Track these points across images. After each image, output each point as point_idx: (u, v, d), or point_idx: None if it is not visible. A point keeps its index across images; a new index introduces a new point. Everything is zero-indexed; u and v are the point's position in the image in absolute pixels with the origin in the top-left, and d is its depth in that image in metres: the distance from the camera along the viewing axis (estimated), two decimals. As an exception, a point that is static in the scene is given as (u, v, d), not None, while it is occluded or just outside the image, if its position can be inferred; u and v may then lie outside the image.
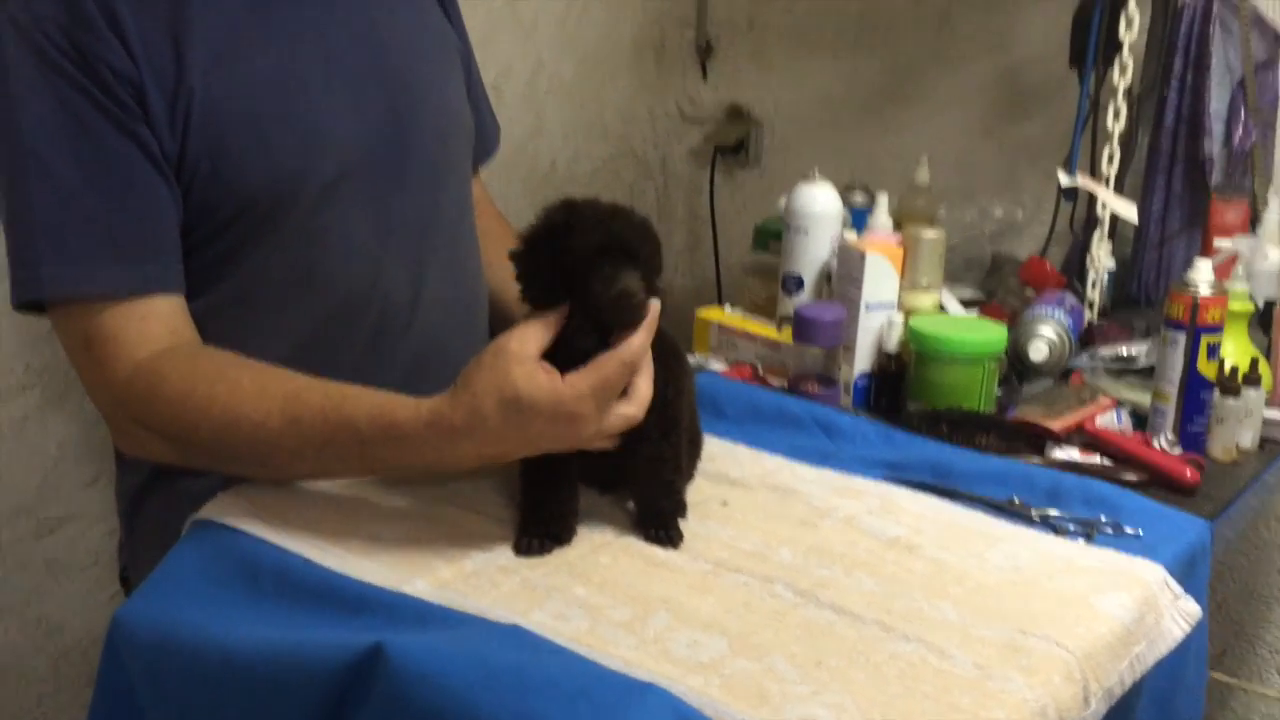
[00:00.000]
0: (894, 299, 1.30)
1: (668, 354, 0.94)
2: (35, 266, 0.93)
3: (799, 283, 1.43)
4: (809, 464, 1.10)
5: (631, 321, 0.85)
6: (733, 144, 2.23)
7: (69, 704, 1.58)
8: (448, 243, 1.14)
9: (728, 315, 1.47)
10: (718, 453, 1.10)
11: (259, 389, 0.91)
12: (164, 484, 1.07)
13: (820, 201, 1.41)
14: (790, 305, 1.43)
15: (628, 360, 0.85)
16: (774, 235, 1.52)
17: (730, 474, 1.07)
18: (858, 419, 1.19)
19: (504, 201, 2.01)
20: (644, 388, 0.88)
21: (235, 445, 0.92)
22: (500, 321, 1.25)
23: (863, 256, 1.27)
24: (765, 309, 1.53)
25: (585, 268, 0.85)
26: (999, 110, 1.95)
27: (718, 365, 1.41)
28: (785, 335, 1.39)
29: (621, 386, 0.86)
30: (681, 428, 0.95)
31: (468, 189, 1.21)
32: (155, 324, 0.96)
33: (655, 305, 0.87)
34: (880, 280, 1.28)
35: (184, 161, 0.97)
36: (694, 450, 1.04)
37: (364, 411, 0.89)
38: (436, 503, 0.97)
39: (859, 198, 1.64)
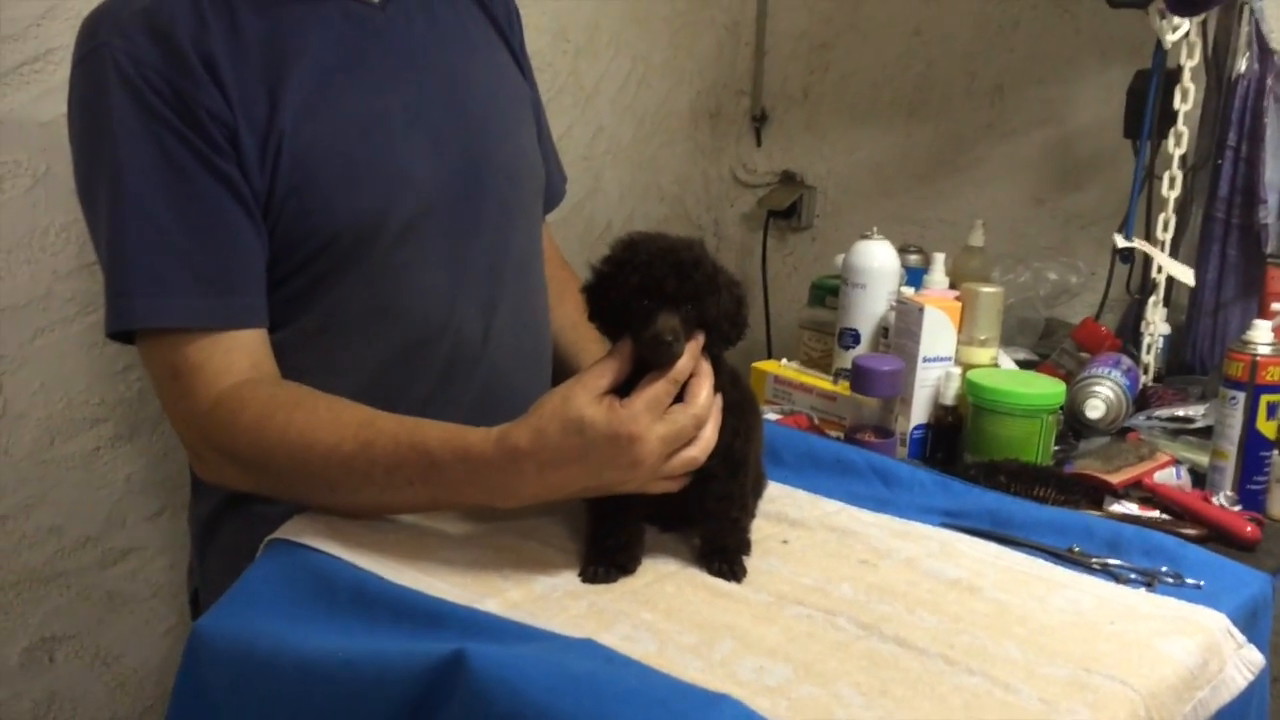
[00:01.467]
0: (951, 353, 1.32)
1: (743, 403, 0.97)
2: (129, 297, 0.98)
3: (855, 337, 1.45)
4: (867, 509, 1.12)
5: (665, 363, 0.87)
6: (785, 208, 2.27)
7: (123, 734, 1.61)
8: (517, 282, 1.18)
9: (784, 367, 1.50)
10: (777, 495, 1.12)
11: (334, 416, 0.95)
12: (238, 509, 1.10)
13: (878, 258, 1.44)
14: (847, 359, 1.45)
15: (674, 378, 0.87)
16: (830, 291, 1.55)
17: (790, 515, 1.08)
18: (915, 468, 1.20)
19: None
20: (709, 434, 0.90)
21: (309, 469, 0.95)
22: (562, 366, 1.28)
23: (921, 310, 1.29)
24: (820, 363, 1.55)
25: (629, 307, 0.89)
26: (1052, 180, 1.98)
27: (772, 415, 1.43)
28: (842, 388, 1.41)
29: (671, 399, 0.87)
30: (749, 469, 0.97)
31: (537, 232, 1.25)
32: (238, 356, 1.00)
33: (699, 336, 0.90)
34: (938, 334, 1.30)
35: (272, 200, 1.01)
36: (757, 491, 1.06)
37: (435, 435, 0.92)
38: (505, 533, 0.99)
39: (913, 258, 1.67)
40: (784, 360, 1.51)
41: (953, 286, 1.48)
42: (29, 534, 1.48)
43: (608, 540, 0.94)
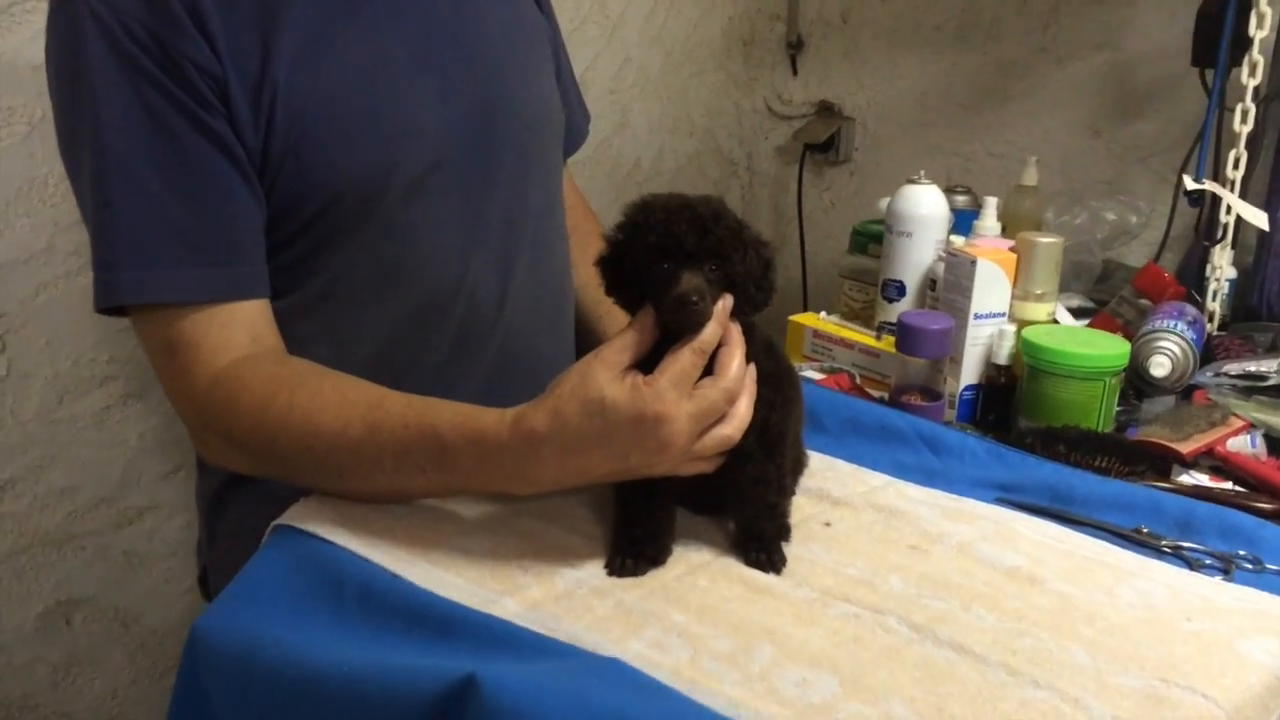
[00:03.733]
0: (1005, 309, 1.23)
1: (779, 374, 0.89)
2: (116, 270, 0.91)
3: (900, 289, 1.36)
4: (915, 483, 1.04)
5: (693, 326, 0.80)
6: (822, 141, 2.16)
7: (144, 695, 1.58)
8: (536, 238, 1.10)
9: (822, 321, 1.41)
10: (818, 468, 1.05)
11: (340, 396, 0.88)
12: (245, 485, 1.04)
13: (925, 204, 1.34)
14: (891, 312, 1.37)
15: (699, 348, 0.79)
16: (873, 238, 1.45)
17: (833, 492, 1.01)
18: (965, 435, 1.12)
19: (586, 199, 1.97)
20: (743, 409, 0.83)
21: (314, 454, 0.88)
22: (585, 327, 1.21)
23: (973, 263, 1.20)
24: (862, 315, 1.46)
25: (648, 272, 0.81)
26: (1108, 109, 1.85)
27: (812, 373, 1.35)
28: (885, 344, 1.33)
29: (698, 374, 0.80)
30: (786, 447, 0.90)
31: (557, 182, 1.16)
32: (237, 330, 0.93)
33: (726, 300, 0.82)
34: (991, 289, 1.21)
35: (268, 158, 0.93)
36: (797, 470, 0.98)
37: (447, 418, 0.85)
38: (524, 516, 0.93)
39: (960, 199, 1.56)
40: (823, 313, 1.42)
41: (1004, 231, 1.39)
42: (40, 496, 1.43)
43: (635, 529, 0.86)
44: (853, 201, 2.19)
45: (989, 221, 1.37)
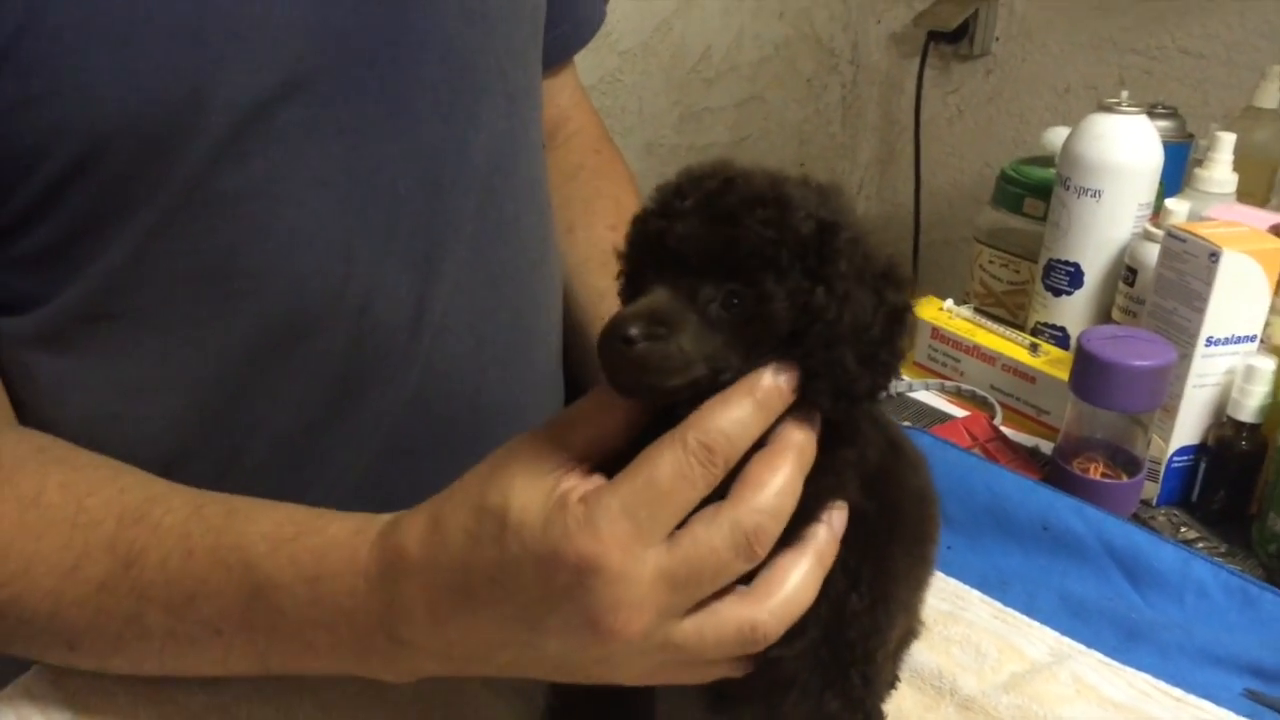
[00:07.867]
0: (1257, 331, 0.76)
1: (892, 517, 0.46)
2: None
3: (1075, 277, 0.89)
4: (1104, 653, 0.62)
5: (632, 388, 0.41)
6: (953, 28, 1.72)
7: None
8: (485, 206, 0.66)
9: (948, 314, 0.95)
10: (936, 608, 0.63)
11: (73, 506, 0.50)
12: None
13: (1127, 146, 0.87)
14: (1057, 310, 0.91)
15: (696, 443, 0.40)
16: (1033, 190, 0.98)
17: (960, 680, 0.59)
18: (1188, 555, 0.68)
19: (636, 107, 1.53)
20: (792, 575, 0.42)
21: (21, 613, 0.50)
22: (582, 342, 0.78)
23: (1215, 257, 0.73)
24: (1005, 301, 1.00)
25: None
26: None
27: (930, 399, 0.90)
28: (1047, 360, 0.87)
29: (688, 501, 0.40)
30: (877, 670, 0.47)
31: (529, 108, 0.72)
32: None
33: (765, 374, 0.41)
34: (1238, 298, 0.74)
35: None
36: (901, 649, 0.56)
37: (263, 530, 0.48)
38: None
39: (1162, 126, 1.07)
40: (948, 302, 0.96)
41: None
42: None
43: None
44: (987, 109, 1.71)
45: (1219, 171, 0.89)
